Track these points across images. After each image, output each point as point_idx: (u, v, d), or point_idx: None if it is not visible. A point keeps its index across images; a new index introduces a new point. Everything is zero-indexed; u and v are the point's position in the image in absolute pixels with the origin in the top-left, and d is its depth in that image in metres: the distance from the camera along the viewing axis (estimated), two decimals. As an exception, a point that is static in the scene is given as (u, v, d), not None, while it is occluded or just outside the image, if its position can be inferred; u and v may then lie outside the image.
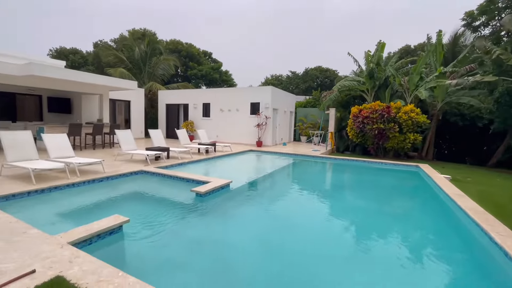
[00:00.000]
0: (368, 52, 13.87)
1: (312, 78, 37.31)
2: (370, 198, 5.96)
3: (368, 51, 13.89)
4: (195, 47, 32.66)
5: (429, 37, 13.58)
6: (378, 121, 10.77)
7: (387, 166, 9.54)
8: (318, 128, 16.30)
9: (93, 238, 3.03)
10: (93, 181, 5.52)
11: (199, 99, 15.79)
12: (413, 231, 4.19)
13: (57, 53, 31.62)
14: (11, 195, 4.33)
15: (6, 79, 8.61)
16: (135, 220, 3.79)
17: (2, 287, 2.03)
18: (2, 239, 2.78)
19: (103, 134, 10.77)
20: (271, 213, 4.80)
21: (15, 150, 5.57)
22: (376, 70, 12.89)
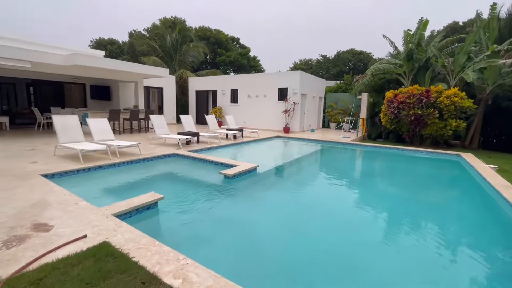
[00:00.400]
0: (407, 31, 12.73)
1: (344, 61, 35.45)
2: (403, 186, 5.70)
3: (408, 30, 12.74)
4: (223, 33, 32.64)
5: (479, 13, 12.01)
6: (415, 107, 10.04)
7: (423, 154, 8.95)
8: (348, 114, 15.66)
9: (132, 212, 3.34)
10: (131, 162, 5.98)
11: (227, 85, 15.95)
12: (450, 222, 3.94)
13: (97, 43, 33.72)
14: (64, 172, 4.88)
15: (53, 68, 9.46)
16: (168, 198, 4.07)
17: (62, 246, 2.36)
18: (60, 208, 3.19)
19: (139, 119, 11.47)
20: (297, 198, 4.84)
21: (66, 133, 6.20)
22: (415, 51, 11.85)
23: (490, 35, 10.91)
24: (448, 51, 12.75)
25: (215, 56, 31.11)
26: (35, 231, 2.65)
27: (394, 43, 13.78)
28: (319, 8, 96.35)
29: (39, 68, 9.15)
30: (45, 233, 2.61)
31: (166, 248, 2.39)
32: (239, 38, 34.92)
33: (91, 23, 72.59)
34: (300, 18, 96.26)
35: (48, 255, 2.23)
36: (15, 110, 13.92)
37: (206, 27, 32.10)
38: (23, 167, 4.98)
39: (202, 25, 31.99)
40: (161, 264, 2.15)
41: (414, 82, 12.50)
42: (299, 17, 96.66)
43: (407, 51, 12.02)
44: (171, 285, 1.90)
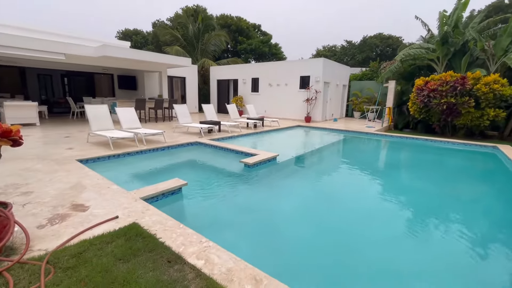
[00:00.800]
0: (443, 12, 11.72)
1: (371, 47, 33.60)
2: (430, 180, 5.44)
3: (444, 11, 11.73)
4: (244, 21, 32.20)
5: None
6: (448, 95, 9.36)
7: (455, 146, 8.43)
8: (374, 103, 15.00)
9: (159, 196, 3.54)
10: (156, 150, 6.27)
11: (248, 74, 15.89)
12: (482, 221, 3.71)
13: (123, 34, 34.84)
14: (97, 158, 5.25)
15: (84, 60, 9.97)
16: (191, 184, 4.25)
17: (97, 225, 2.58)
18: (94, 191, 3.46)
19: (163, 108, 11.86)
20: (316, 188, 4.82)
21: (97, 122, 6.61)
22: (452, 34, 10.92)
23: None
24: (489, 33, 11.62)
25: (236, 44, 30.91)
26: (74, 210, 2.91)
27: (428, 25, 12.79)
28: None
29: (72, 60, 9.71)
30: (82, 212, 2.86)
31: (190, 230, 2.53)
32: (261, 25, 34.28)
33: (117, 14, 74.87)
34: (324, 1, 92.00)
35: (86, 232, 2.46)
36: (52, 100, 15.00)
37: (227, 14, 31.82)
38: (61, 152, 5.42)
39: (223, 13, 31.75)
40: (185, 245, 2.29)
41: (448, 68, 11.61)
42: (323, 1, 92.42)
43: (442, 34, 11.11)
44: (194, 265, 2.03)
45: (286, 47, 45.58)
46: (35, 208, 2.93)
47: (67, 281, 1.81)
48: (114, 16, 75.48)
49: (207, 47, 21.93)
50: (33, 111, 9.01)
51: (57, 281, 1.81)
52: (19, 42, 7.76)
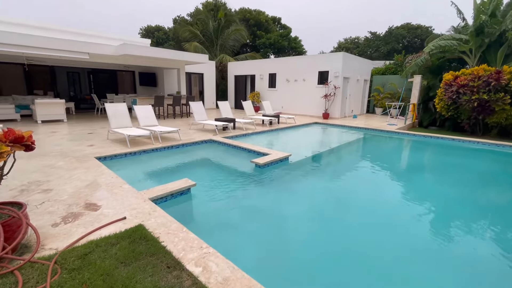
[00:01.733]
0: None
1: (397, 38, 31.83)
2: (455, 185, 5.06)
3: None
4: (263, 14, 31.75)
5: None
6: (480, 91, 8.64)
7: (485, 146, 7.80)
8: (397, 98, 14.25)
9: (167, 196, 3.62)
10: (171, 147, 6.41)
11: (265, 69, 15.71)
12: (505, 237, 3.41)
13: (146, 31, 35.83)
14: (114, 155, 5.47)
15: (107, 58, 10.37)
16: (201, 184, 4.31)
17: (106, 226, 2.69)
18: (107, 190, 3.60)
19: (181, 105, 12.10)
20: (330, 191, 4.67)
21: (116, 119, 6.88)
22: (488, 23, 9.98)
23: None
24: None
25: (255, 38, 30.65)
26: (87, 209, 3.05)
27: (463, 13, 11.74)
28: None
29: (95, 59, 10.14)
30: (94, 212, 2.99)
31: (192, 235, 2.55)
32: (280, 18, 33.63)
33: (143, 11, 77.03)
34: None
35: (94, 232, 2.56)
36: (79, 96, 15.85)
37: (246, 8, 31.54)
38: (83, 150, 5.71)
39: (242, 7, 31.52)
40: (186, 250, 2.31)
41: (481, 62, 10.70)
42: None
43: (477, 24, 10.19)
44: (192, 272, 2.04)
45: (306, 40, 44.56)
46: (52, 206, 3.11)
47: (71, 282, 1.89)
48: (139, 12, 77.82)
49: (226, 42, 21.95)
50: (61, 108, 9.57)
51: (62, 282, 1.90)
52: (45, 43, 8.22)
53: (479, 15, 10.37)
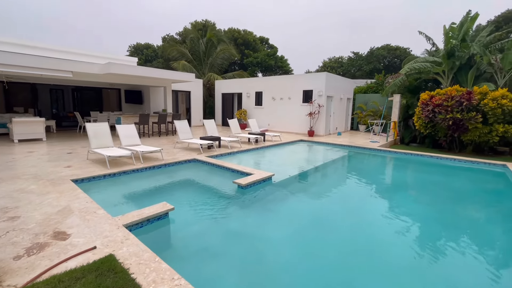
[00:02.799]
0: (451, 25, 11.54)
1: (378, 58, 33.47)
2: (434, 203, 5.18)
3: (452, 24, 11.56)
4: (251, 34, 32.83)
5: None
6: (454, 110, 9.11)
7: (462, 163, 8.10)
8: (379, 116, 14.77)
9: (143, 222, 3.50)
10: (153, 168, 6.29)
11: (252, 88, 16.02)
12: (487, 253, 3.45)
13: (134, 48, 36.08)
14: (92, 177, 5.30)
15: (92, 77, 10.31)
16: (180, 208, 4.21)
17: (73, 257, 2.55)
18: (80, 216, 3.46)
19: (167, 122, 12.03)
20: (312, 212, 4.67)
21: (97, 139, 6.74)
22: (458, 48, 10.73)
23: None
24: (497, 46, 11.37)
25: (243, 57, 31.44)
26: (55, 239, 2.90)
27: (432, 39, 12.63)
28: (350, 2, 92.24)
29: (79, 77, 10.04)
30: (62, 241, 2.84)
31: (164, 265, 2.46)
32: (268, 38, 34.85)
33: (132, 29, 77.93)
34: (331, 13, 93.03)
35: (60, 265, 2.43)
36: (61, 114, 15.50)
37: (235, 28, 32.56)
38: (59, 171, 5.51)
39: (230, 27, 32.52)
40: (156, 283, 2.21)
41: (454, 82, 11.38)
42: (329, 13, 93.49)
43: (448, 48, 10.94)
44: (160, 308, 1.95)
45: (292, 59, 45.95)
46: (17, 236, 2.94)
47: (25, 325, 1.76)
48: (129, 30, 78.66)
49: (214, 61, 22.37)
50: (40, 126, 9.29)
51: (16, 325, 1.76)
52: (27, 61, 8.10)
53: (449, 40, 11.16)
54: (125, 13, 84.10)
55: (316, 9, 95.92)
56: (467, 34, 11.30)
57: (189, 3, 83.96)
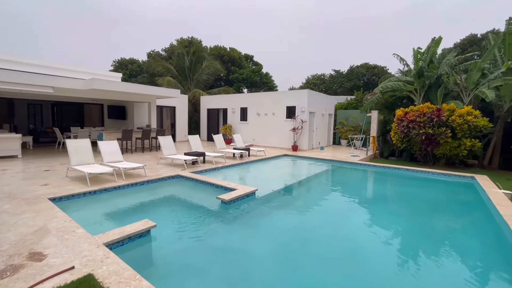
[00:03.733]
0: (418, 49, 12.60)
1: (358, 76, 35.24)
2: (412, 215, 5.44)
3: (418, 48, 12.61)
4: (236, 51, 33.72)
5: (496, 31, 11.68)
6: (426, 126, 9.74)
7: (436, 176, 8.58)
8: (359, 131, 15.41)
9: (124, 240, 3.46)
10: (136, 184, 6.21)
11: (237, 103, 16.32)
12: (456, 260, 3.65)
13: (119, 63, 35.90)
14: (71, 195, 5.16)
15: (74, 92, 10.17)
16: (163, 225, 4.19)
17: (49, 278, 2.50)
18: (58, 236, 3.37)
19: (151, 138, 11.93)
20: (295, 226, 4.76)
21: (77, 156, 6.60)
22: (426, 69, 11.64)
23: (505, 51, 10.54)
24: (461, 67, 12.42)
25: (229, 73, 32.06)
26: (30, 260, 2.82)
27: (405, 61, 13.62)
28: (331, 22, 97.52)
29: (60, 92, 9.88)
30: (38, 262, 2.77)
31: (145, 283, 2.46)
32: (253, 55, 35.88)
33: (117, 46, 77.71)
34: (313, 33, 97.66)
35: (35, 287, 2.37)
36: (39, 129, 14.97)
37: (221, 46, 33.36)
38: (35, 190, 5.33)
39: (216, 44, 33.30)
40: (136, 301, 2.21)
41: (426, 99, 12.20)
42: (312, 33, 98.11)
43: (417, 69, 11.85)
44: (140, 326, 1.96)
45: (276, 76, 47.46)
46: (-11, 258, 2.83)
47: None
48: (113, 46, 78.31)
49: (200, 77, 22.68)
50: (15, 143, 8.96)
51: None
52: (5, 76, 7.93)
53: (417, 61, 12.11)
54: (110, 28, 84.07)
55: (299, 27, 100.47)
56: (434, 56, 12.31)
57: (175, 22, 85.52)
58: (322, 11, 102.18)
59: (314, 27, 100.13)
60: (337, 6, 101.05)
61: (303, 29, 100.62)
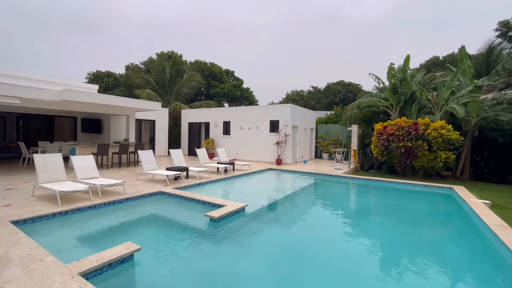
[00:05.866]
0: (391, 65, 13.39)
1: (334, 92, 36.81)
2: (397, 226, 5.50)
3: (391, 64, 13.41)
4: (217, 66, 33.95)
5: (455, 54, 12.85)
6: (405, 139, 10.17)
7: (416, 187, 8.86)
8: (340, 145, 15.79)
9: (104, 268, 3.04)
10: (114, 203, 5.69)
11: (219, 117, 16.14)
12: (446, 273, 3.67)
13: (94, 76, 34.50)
14: (38, 217, 4.57)
15: (44, 104, 9.43)
16: (147, 247, 3.79)
17: (10, 321, 2.06)
18: (22, 267, 2.88)
19: (128, 153, 11.28)
20: (288, 243, 4.55)
21: (46, 172, 5.96)
22: (400, 85, 12.37)
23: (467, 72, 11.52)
24: (431, 85, 13.35)
25: (209, 88, 32.01)
26: (-14, 298, 2.34)
27: (381, 79, 14.39)
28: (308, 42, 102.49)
29: (29, 104, 9.11)
30: (-3, 301, 2.30)
31: (132, 320, 2.11)
32: (234, 71, 36.32)
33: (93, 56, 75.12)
34: (291, 51, 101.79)
35: (-8, 334, 1.93)
36: (1, 144, 13.62)
37: (201, 61, 33.44)
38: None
39: (197, 59, 33.34)
40: None
41: (401, 114, 12.85)
42: (290, 50, 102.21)
43: (391, 85, 12.55)
44: None
45: (257, 91, 48.27)
46: None
47: None
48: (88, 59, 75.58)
49: (180, 90, 22.31)
50: (-28, 159, 7.97)
51: None
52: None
53: (391, 78, 12.86)
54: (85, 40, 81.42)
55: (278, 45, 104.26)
56: (406, 73, 13.14)
57: (153, 37, 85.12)
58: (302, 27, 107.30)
59: (293, 45, 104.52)
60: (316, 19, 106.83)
61: (281, 47, 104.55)
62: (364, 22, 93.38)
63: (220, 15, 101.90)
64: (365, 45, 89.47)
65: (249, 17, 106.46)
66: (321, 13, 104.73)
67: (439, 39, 65.96)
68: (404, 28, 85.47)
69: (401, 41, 77.67)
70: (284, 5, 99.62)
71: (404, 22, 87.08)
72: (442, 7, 71.85)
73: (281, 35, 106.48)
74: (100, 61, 75.16)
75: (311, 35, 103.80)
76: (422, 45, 68.58)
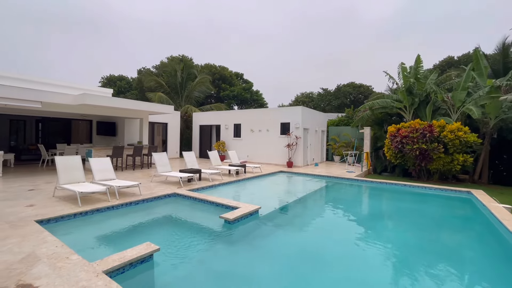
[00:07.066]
0: (402, 65, 13.13)
1: (345, 94, 36.40)
2: (414, 231, 5.37)
3: (402, 64, 13.15)
4: (227, 69, 34.25)
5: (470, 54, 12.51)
6: (419, 141, 9.96)
7: (432, 191, 8.64)
8: (352, 147, 15.59)
9: (125, 267, 3.12)
10: (130, 204, 5.83)
11: (230, 120, 16.26)
12: (466, 281, 3.58)
13: (107, 80, 35.47)
14: (60, 217, 4.74)
15: (63, 108, 9.78)
16: (165, 248, 3.87)
17: (42, 316, 2.15)
18: (49, 264, 3.00)
19: (142, 155, 11.51)
20: (302, 246, 4.53)
21: (66, 174, 6.17)
22: (415, 86, 12.12)
23: (483, 72, 11.18)
24: (446, 86, 13.03)
25: (219, 90, 32.29)
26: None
27: (394, 78, 14.14)
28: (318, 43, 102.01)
29: (48, 108, 9.46)
30: (28, 297, 2.41)
31: (157, 318, 2.16)
32: (243, 73, 36.52)
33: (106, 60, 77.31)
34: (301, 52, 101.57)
35: (26, 328, 2.02)
36: (22, 146, 14.17)
37: (212, 64, 33.83)
38: (19, 211, 4.86)
39: (207, 63, 33.75)
40: None
41: (415, 116, 12.59)
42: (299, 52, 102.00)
43: (406, 86, 12.28)
44: None
45: (266, 93, 48.31)
46: (-32, 293, 2.44)
47: None
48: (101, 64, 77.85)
49: (191, 93, 22.64)
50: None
51: None
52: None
53: (405, 78, 12.58)
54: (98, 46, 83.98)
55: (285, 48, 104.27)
56: (419, 73, 12.82)
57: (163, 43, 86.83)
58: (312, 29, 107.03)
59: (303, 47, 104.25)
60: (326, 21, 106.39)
61: (291, 49, 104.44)
62: (375, 21, 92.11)
63: (230, 16, 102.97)
64: (376, 46, 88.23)
65: (259, 18, 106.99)
66: (329, 15, 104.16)
67: (451, 39, 64.35)
68: (415, 28, 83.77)
69: (413, 42, 76.16)
70: (293, 6, 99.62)
71: (415, 22, 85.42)
72: (454, 4, 70.17)
73: (290, 37, 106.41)
74: (109, 65, 77.24)
75: (320, 37, 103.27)
76: (435, 45, 66.98)
